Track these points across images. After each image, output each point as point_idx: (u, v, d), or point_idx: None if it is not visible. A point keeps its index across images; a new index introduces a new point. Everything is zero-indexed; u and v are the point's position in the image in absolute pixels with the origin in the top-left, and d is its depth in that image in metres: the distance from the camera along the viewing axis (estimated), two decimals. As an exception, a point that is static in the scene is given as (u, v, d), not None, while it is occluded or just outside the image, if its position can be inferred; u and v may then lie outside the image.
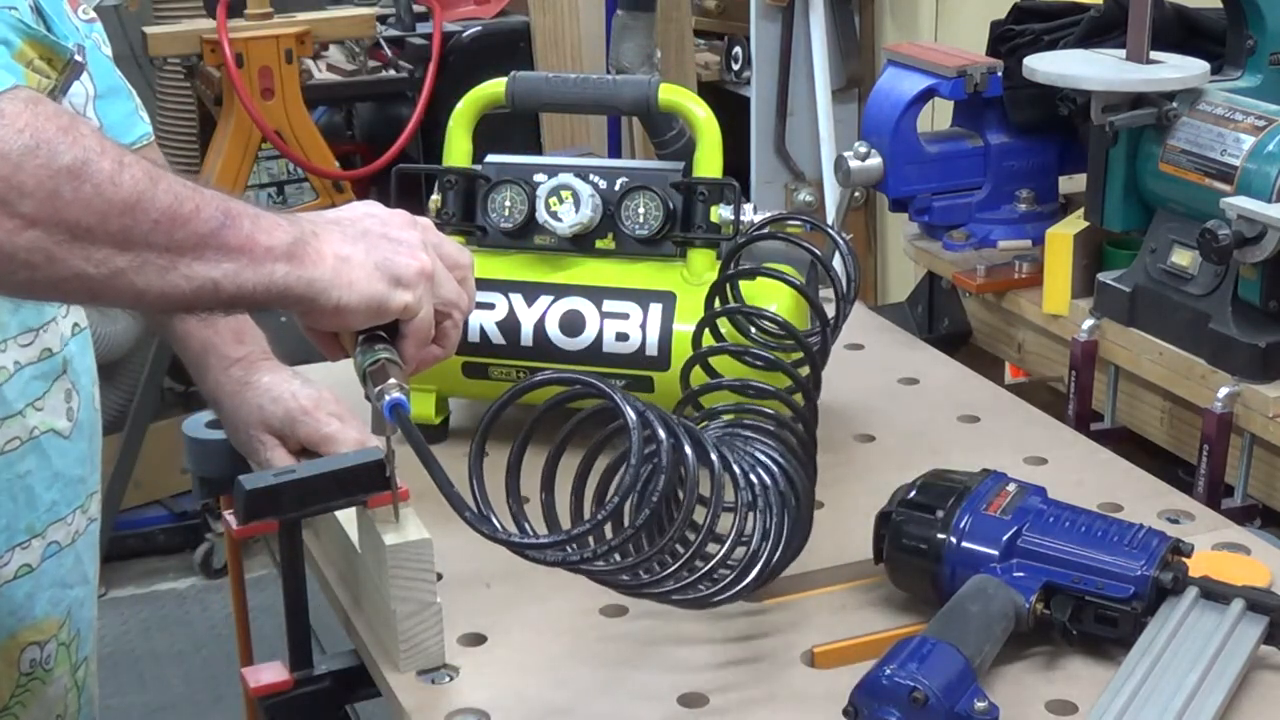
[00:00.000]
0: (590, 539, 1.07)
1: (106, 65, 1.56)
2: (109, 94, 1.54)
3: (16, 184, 0.99)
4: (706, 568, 1.18)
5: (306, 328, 1.19)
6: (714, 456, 1.14)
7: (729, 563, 1.20)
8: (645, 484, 1.09)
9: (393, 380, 1.14)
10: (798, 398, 1.38)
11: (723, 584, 1.20)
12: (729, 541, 1.18)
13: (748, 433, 1.31)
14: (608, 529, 1.08)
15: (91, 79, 1.50)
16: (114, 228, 1.02)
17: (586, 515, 1.13)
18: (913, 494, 1.33)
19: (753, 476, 1.23)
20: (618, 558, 1.10)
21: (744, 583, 1.21)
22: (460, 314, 1.22)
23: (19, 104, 1.00)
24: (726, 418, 1.35)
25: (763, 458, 1.27)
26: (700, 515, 1.16)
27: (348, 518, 1.36)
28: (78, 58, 1.40)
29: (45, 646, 1.47)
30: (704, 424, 1.33)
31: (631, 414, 1.06)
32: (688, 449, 1.10)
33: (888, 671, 1.13)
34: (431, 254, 1.18)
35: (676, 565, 1.15)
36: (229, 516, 1.49)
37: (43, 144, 1.00)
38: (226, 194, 1.10)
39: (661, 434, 1.08)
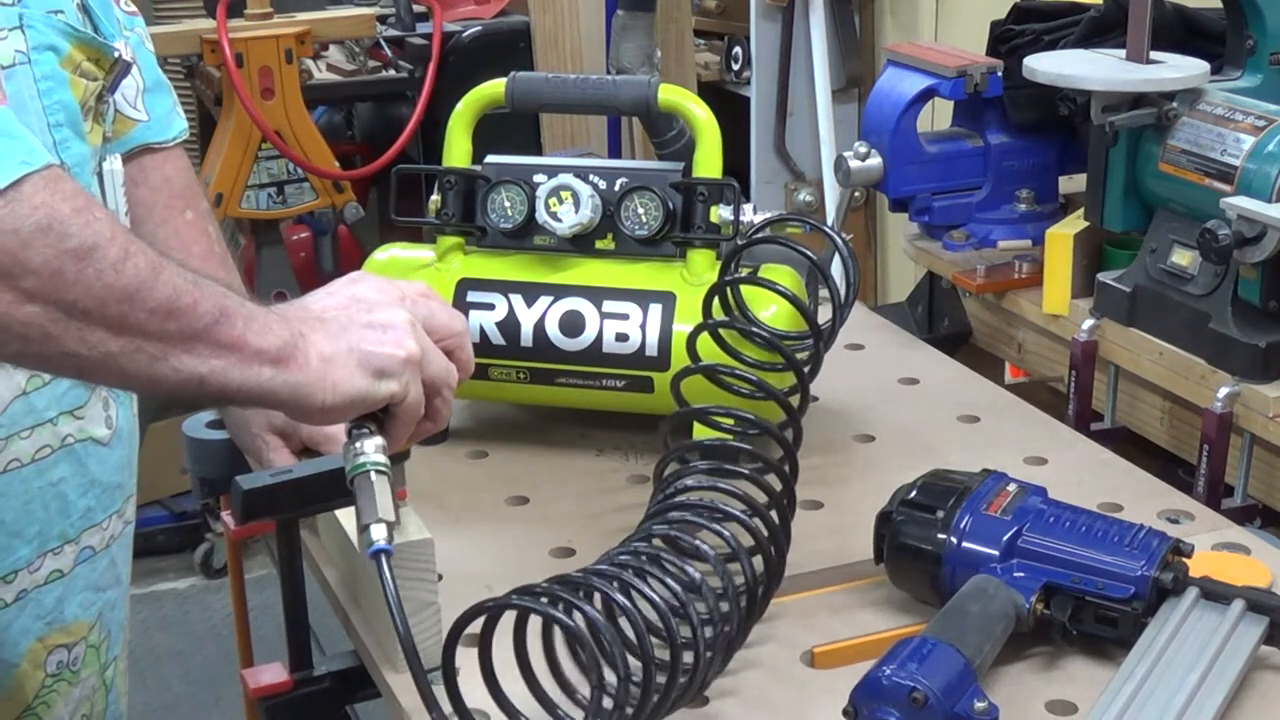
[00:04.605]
0: None
1: (151, 59, 1.57)
2: (154, 88, 1.56)
3: (23, 260, 1.01)
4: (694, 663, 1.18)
5: None
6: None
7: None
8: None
9: (376, 505, 1.14)
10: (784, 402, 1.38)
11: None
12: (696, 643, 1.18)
13: (709, 506, 1.28)
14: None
15: (141, 73, 1.51)
16: (111, 313, 1.04)
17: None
18: (913, 494, 1.33)
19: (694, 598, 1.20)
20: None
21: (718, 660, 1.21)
22: (450, 390, 1.21)
23: (39, 183, 1.03)
24: (692, 487, 1.31)
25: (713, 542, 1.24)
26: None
27: (348, 518, 1.36)
28: (125, 56, 1.41)
29: (73, 649, 1.46)
30: (675, 480, 1.32)
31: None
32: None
33: (888, 671, 1.13)
34: (419, 335, 1.17)
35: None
36: (228, 516, 1.49)
37: (55, 224, 1.02)
38: (227, 291, 1.11)
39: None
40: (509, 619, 1.15)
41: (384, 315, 1.16)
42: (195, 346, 1.08)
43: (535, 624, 1.15)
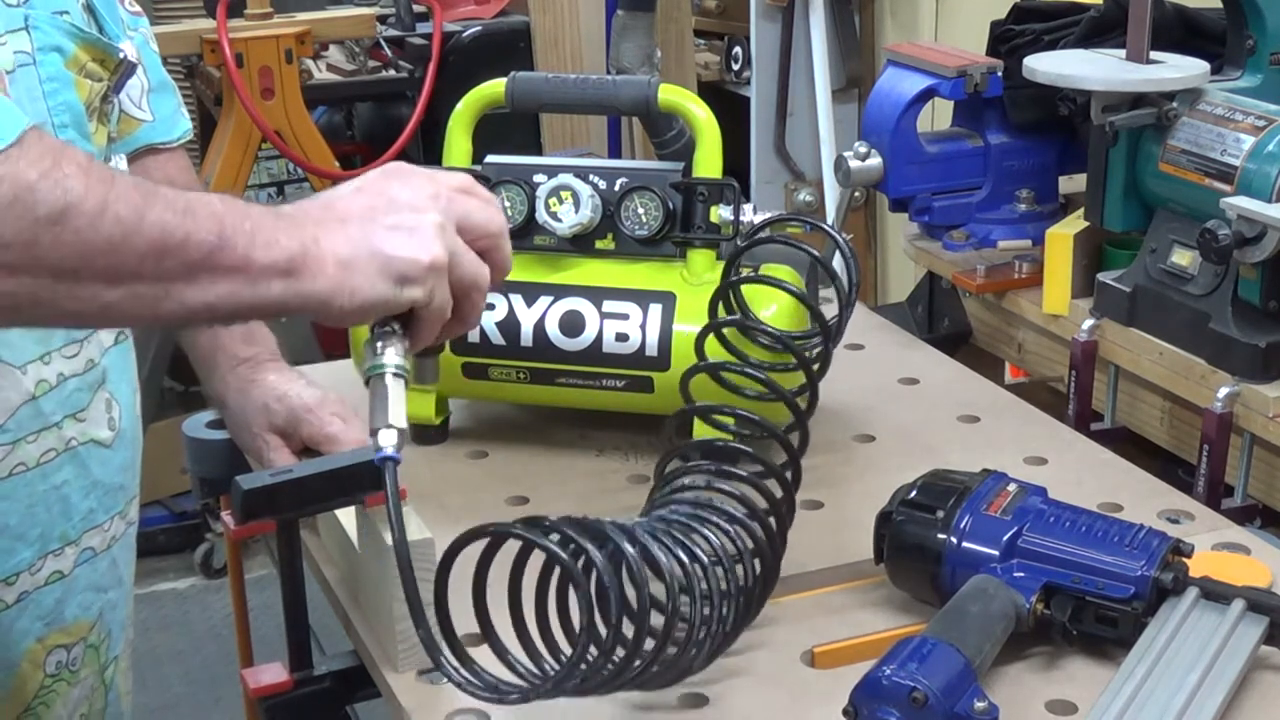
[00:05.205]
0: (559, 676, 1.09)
1: (155, 60, 1.57)
2: (159, 88, 1.56)
3: None
4: (673, 650, 1.17)
5: None
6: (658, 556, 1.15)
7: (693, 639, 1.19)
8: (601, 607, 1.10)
9: (388, 410, 1.12)
10: (785, 404, 1.38)
11: (689, 655, 1.19)
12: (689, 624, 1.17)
13: (715, 494, 1.27)
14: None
15: (146, 73, 1.51)
16: (99, 265, 1.02)
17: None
18: (913, 494, 1.33)
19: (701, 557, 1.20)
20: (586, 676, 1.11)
21: (705, 650, 1.20)
22: (480, 293, 1.16)
23: (8, 155, 1.00)
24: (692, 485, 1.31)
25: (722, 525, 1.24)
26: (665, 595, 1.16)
27: (348, 517, 1.36)
28: (130, 57, 1.41)
29: (72, 649, 1.46)
30: (676, 478, 1.32)
31: (561, 554, 1.07)
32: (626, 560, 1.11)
33: (888, 671, 1.13)
34: (448, 237, 1.13)
35: (643, 664, 1.14)
36: (227, 516, 1.49)
37: (21, 195, 0.99)
38: (227, 208, 1.07)
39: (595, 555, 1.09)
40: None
41: (411, 217, 1.12)
42: (197, 277, 1.05)
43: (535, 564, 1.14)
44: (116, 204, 1.02)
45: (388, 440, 1.11)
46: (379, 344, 1.14)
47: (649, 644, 1.13)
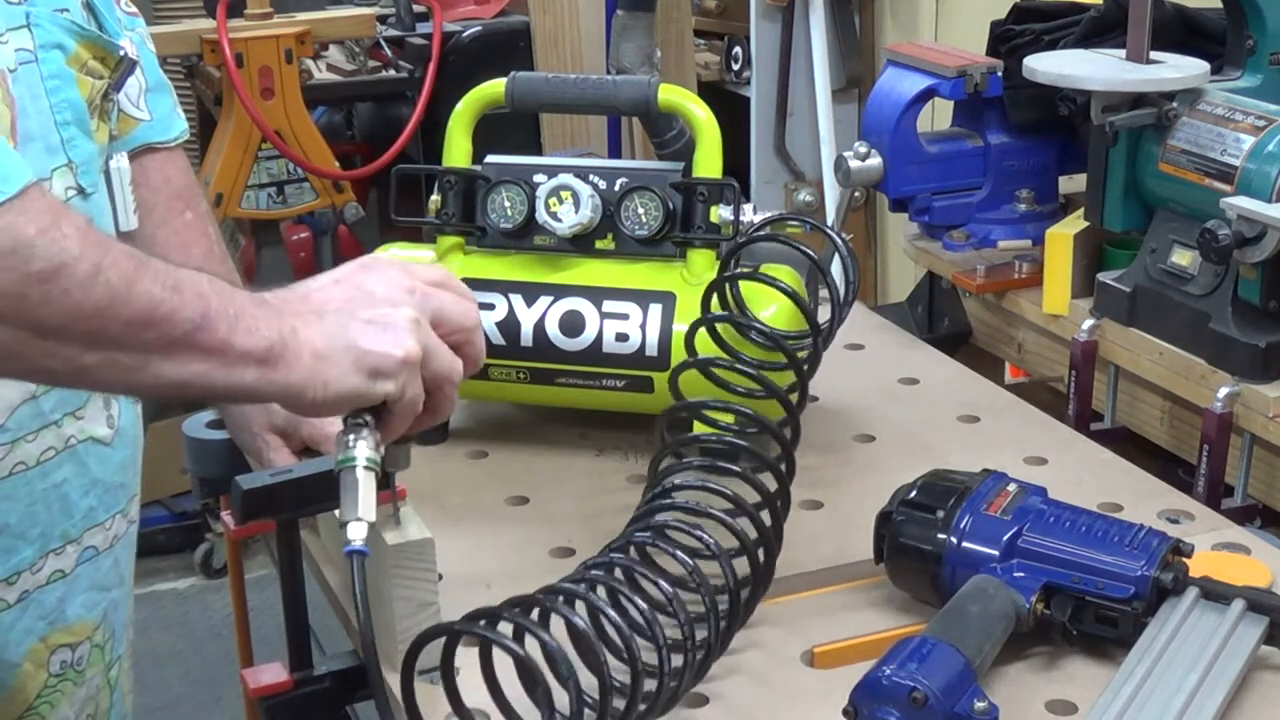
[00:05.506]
0: None
1: (152, 59, 1.57)
2: (156, 88, 1.57)
3: None
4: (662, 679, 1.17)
5: None
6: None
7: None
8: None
9: (357, 503, 1.13)
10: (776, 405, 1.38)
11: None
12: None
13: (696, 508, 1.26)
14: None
15: (143, 72, 1.52)
16: (82, 329, 1.03)
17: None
18: (913, 494, 1.33)
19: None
20: None
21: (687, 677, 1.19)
22: (453, 386, 1.18)
23: (8, 207, 1.01)
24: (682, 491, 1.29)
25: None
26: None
27: (348, 518, 1.36)
28: (131, 55, 1.42)
29: (77, 649, 1.46)
30: (667, 476, 1.31)
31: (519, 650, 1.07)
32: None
33: (888, 671, 1.13)
34: (422, 332, 1.14)
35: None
36: (227, 516, 1.49)
37: (19, 247, 1.00)
38: (214, 290, 1.09)
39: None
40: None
41: (386, 312, 1.14)
42: (175, 353, 1.06)
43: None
44: (109, 270, 1.03)
45: (355, 534, 1.13)
46: (350, 436, 1.15)
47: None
